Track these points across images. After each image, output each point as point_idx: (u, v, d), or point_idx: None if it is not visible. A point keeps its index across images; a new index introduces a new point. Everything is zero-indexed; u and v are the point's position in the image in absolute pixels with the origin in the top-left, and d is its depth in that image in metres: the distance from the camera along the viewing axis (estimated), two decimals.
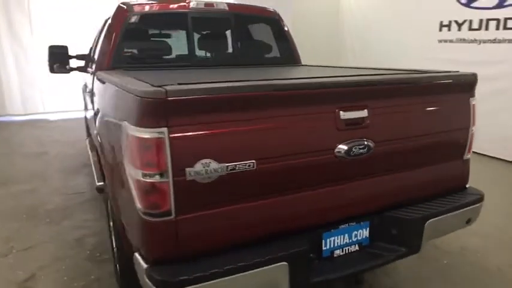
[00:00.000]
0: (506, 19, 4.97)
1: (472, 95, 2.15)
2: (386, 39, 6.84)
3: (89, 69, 3.80)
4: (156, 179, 1.42)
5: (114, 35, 2.94)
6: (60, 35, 8.50)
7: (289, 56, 3.64)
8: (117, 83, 1.82)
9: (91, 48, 4.50)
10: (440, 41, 5.90)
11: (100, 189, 3.27)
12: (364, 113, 1.77)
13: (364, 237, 1.98)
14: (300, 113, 1.63)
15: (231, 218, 1.58)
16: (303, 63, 3.74)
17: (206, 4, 3.23)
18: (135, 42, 3.12)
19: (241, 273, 1.51)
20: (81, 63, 4.49)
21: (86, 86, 4.12)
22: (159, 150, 1.39)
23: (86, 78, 4.12)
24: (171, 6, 3.15)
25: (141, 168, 1.44)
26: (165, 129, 1.39)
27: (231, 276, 1.50)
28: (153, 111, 1.38)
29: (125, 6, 3.01)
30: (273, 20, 3.59)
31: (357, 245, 1.97)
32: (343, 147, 1.73)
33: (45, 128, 8.16)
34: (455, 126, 2.11)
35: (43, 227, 3.60)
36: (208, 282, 1.46)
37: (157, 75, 2.24)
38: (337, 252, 1.91)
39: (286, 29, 3.63)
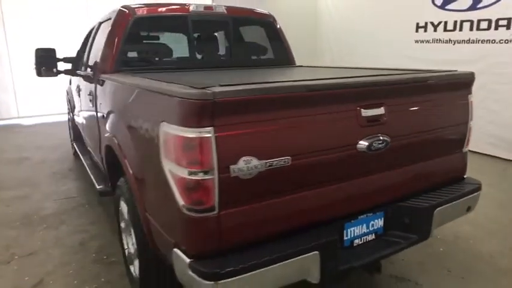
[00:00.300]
0: (479, 20, 5.30)
1: (470, 92, 2.34)
2: (364, 40, 7.09)
3: (82, 72, 3.78)
4: (202, 176, 1.49)
5: (116, 38, 2.95)
6: (35, 38, 8.31)
7: (285, 57, 3.76)
8: (149, 87, 1.87)
9: (79, 51, 4.46)
10: (417, 41, 6.19)
11: (102, 192, 3.28)
12: (381, 111, 1.91)
13: (379, 226, 2.11)
14: (328, 112, 1.74)
15: (267, 211, 1.67)
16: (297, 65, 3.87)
17: (205, 7, 3.30)
18: (138, 45, 3.15)
19: (279, 263, 1.60)
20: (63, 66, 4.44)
21: (78, 88, 4.08)
22: (206, 149, 1.46)
23: (79, 81, 4.08)
24: (172, 9, 3.19)
25: (186, 167, 1.50)
26: (211, 129, 1.46)
27: (270, 267, 1.58)
28: (201, 112, 1.44)
29: (126, 10, 3.02)
30: (268, 23, 3.70)
31: (373, 234, 2.10)
32: (364, 142, 1.85)
33: (21, 133, 7.94)
34: (457, 121, 2.29)
35: (41, 233, 3.54)
36: (251, 273, 1.54)
37: (175, 77, 2.29)
38: (356, 241, 2.03)
39: (280, 30, 3.74)
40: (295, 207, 1.74)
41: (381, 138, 1.91)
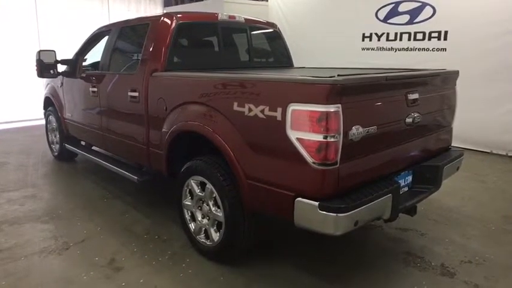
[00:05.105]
0: (415, 33, 6.55)
1: (456, 84, 3.26)
2: (316, 47, 7.96)
3: (111, 72, 4.03)
4: (333, 139, 2.10)
5: (166, 42, 3.36)
6: None
7: (288, 60, 4.46)
8: (279, 79, 2.43)
9: (78, 54, 4.63)
10: (363, 49, 7.30)
11: (143, 182, 3.66)
12: (417, 95, 2.70)
13: (410, 181, 2.90)
14: (393, 95, 2.49)
15: (362, 165, 2.35)
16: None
17: (230, 17, 3.85)
18: (182, 48, 3.58)
19: (375, 201, 2.28)
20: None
21: (94, 88, 4.27)
22: (337, 119, 2.08)
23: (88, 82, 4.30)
24: (205, 16, 3.70)
25: (322, 133, 2.10)
26: (339, 105, 2.09)
27: (370, 203, 2.26)
28: (335, 93, 2.06)
29: (171, 16, 3.45)
30: (274, 31, 4.37)
31: (407, 187, 2.88)
32: (409, 118, 2.62)
33: None
34: (451, 103, 3.20)
35: (79, 224, 3.68)
36: (363, 207, 2.19)
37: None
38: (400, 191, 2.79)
39: (283, 37, 4.43)
40: (375, 162, 2.45)
41: (418, 114, 2.70)
